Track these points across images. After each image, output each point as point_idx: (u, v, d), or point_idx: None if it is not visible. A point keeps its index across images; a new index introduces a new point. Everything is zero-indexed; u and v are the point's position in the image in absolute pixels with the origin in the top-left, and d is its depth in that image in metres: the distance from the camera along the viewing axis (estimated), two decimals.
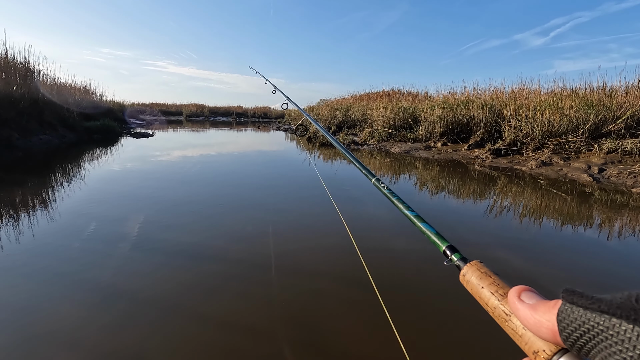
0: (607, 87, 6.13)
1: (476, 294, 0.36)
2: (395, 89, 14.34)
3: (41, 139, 6.98)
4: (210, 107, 30.22)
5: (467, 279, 0.38)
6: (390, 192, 0.64)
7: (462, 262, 0.41)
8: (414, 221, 0.55)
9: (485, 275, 0.36)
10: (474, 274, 0.37)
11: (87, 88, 12.41)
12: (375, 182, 0.71)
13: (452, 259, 0.43)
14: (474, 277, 0.37)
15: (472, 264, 0.39)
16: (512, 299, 0.29)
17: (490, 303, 0.34)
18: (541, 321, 0.25)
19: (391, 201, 0.62)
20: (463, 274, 0.39)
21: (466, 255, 0.42)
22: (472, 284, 0.37)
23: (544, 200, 3.48)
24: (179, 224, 2.48)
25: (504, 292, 0.33)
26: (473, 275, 0.37)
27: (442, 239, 0.47)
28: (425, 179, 4.56)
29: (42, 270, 1.74)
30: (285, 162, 6.17)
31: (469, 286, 0.37)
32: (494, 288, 0.34)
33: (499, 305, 0.32)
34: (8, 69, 7.14)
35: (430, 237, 0.49)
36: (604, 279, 1.89)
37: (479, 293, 0.35)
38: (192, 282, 1.67)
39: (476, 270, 0.38)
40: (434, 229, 0.50)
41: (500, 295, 0.33)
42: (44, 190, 3.42)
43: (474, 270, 0.38)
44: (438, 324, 1.43)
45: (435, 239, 0.48)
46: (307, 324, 1.39)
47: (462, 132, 7.50)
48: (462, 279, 0.39)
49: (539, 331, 0.25)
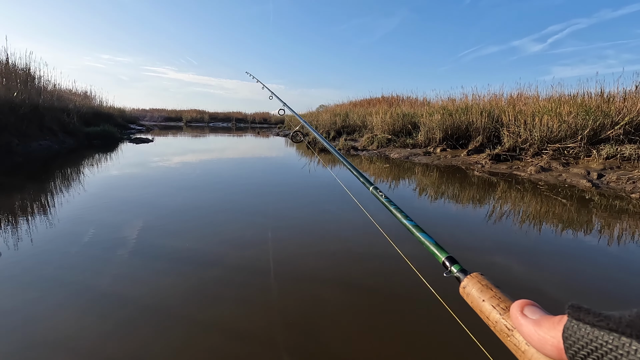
0: (605, 93, 6.16)
1: (477, 307, 0.35)
2: (395, 95, 14.41)
3: (41, 144, 6.99)
4: (210, 112, 30.32)
5: (467, 291, 0.37)
6: (388, 200, 0.63)
7: (462, 274, 0.40)
8: (412, 231, 0.53)
9: (486, 288, 0.35)
10: (474, 286, 0.37)
11: (87, 94, 12.51)
12: (372, 190, 0.70)
13: (451, 270, 0.42)
14: (474, 289, 0.36)
15: (472, 276, 0.38)
16: (514, 314, 0.28)
17: (492, 317, 0.33)
18: (546, 338, 0.24)
19: (389, 210, 0.61)
20: (463, 286, 0.38)
21: (466, 261, 0.41)
22: (472, 297, 0.36)
23: (544, 206, 3.48)
24: (178, 230, 2.47)
25: (505, 305, 0.32)
26: (473, 287, 0.36)
27: (441, 250, 0.46)
28: (424, 185, 4.56)
29: (42, 277, 1.73)
30: (286, 168, 6.17)
31: (470, 299, 0.37)
32: (495, 301, 0.34)
33: (500, 320, 0.32)
34: (9, 75, 7.18)
35: (429, 248, 0.48)
36: (605, 283, 1.89)
37: (480, 306, 0.34)
38: (193, 288, 1.66)
39: (477, 282, 0.37)
40: (432, 239, 0.49)
41: (502, 309, 0.32)
42: (44, 196, 3.41)
43: (474, 282, 0.37)
44: (436, 330, 1.42)
45: (435, 249, 0.47)
46: (307, 330, 1.37)
47: (461, 138, 7.52)
48: (462, 291, 0.38)
49: (543, 348, 0.24)
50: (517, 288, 1.79)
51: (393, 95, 14.43)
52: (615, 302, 1.71)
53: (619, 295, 1.78)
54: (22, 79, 7.49)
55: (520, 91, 8.03)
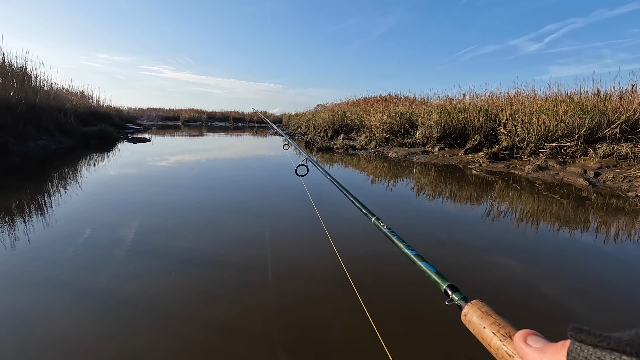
0: (602, 92, 6.21)
1: (478, 334, 0.36)
2: (393, 94, 14.43)
3: (38, 144, 6.95)
4: (208, 112, 30.27)
5: (468, 318, 0.38)
6: (390, 231, 0.64)
7: (463, 302, 0.41)
8: (414, 260, 0.55)
9: (486, 315, 0.36)
10: (475, 313, 0.37)
11: (84, 93, 12.44)
12: (375, 221, 0.71)
13: (452, 298, 0.43)
14: (475, 316, 0.37)
15: (473, 303, 0.39)
16: (518, 344, 0.29)
17: (493, 343, 0.34)
18: None
19: (391, 240, 0.62)
20: (464, 313, 0.39)
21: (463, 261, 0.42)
22: (473, 324, 0.37)
23: (541, 204, 3.50)
24: (175, 229, 2.47)
25: (505, 332, 0.33)
26: (474, 315, 0.37)
27: (442, 278, 0.48)
28: (422, 184, 4.57)
29: (38, 277, 1.73)
30: (284, 168, 6.17)
31: (471, 326, 0.37)
32: (495, 328, 0.34)
33: (502, 346, 0.32)
34: (5, 74, 7.13)
35: (431, 277, 0.50)
36: (603, 280, 1.90)
37: (481, 333, 0.35)
38: (190, 287, 1.66)
39: (477, 309, 0.38)
40: (434, 268, 0.50)
41: (502, 335, 0.33)
42: (41, 195, 3.39)
43: (475, 309, 0.38)
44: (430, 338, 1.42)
45: (436, 278, 0.49)
46: (304, 330, 1.38)
47: (459, 137, 7.55)
48: (464, 318, 0.39)
49: None
50: (514, 289, 1.80)
51: (391, 95, 14.46)
52: (614, 300, 1.73)
53: (617, 293, 1.79)
54: (19, 78, 7.44)
55: (517, 90, 8.08)
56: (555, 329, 1.43)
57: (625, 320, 1.55)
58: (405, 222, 2.87)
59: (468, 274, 1.90)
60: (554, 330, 1.39)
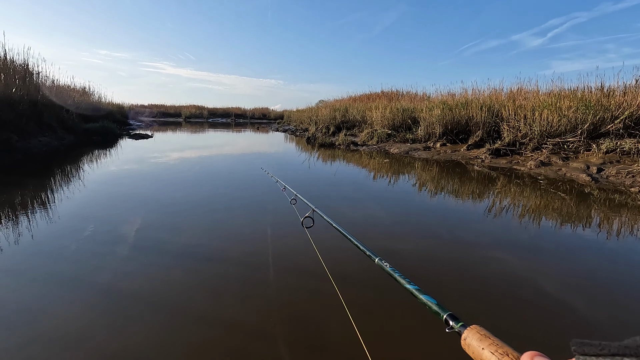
0: (605, 87, 6.15)
1: (478, 356, 0.38)
2: (394, 90, 14.38)
3: (40, 141, 6.98)
4: (209, 108, 30.28)
5: (468, 342, 0.40)
6: (393, 269, 0.68)
7: (463, 328, 0.43)
8: (416, 294, 0.58)
9: (485, 337, 0.39)
10: (474, 336, 0.40)
11: (86, 90, 12.43)
12: (378, 261, 0.73)
13: (452, 326, 0.46)
14: (474, 339, 0.39)
15: (471, 328, 0.42)
16: None
17: None
18: None
19: (394, 279, 0.65)
20: (464, 337, 0.41)
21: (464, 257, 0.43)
22: (473, 347, 0.39)
23: (543, 200, 3.49)
24: (178, 225, 2.48)
25: (503, 351, 0.36)
26: (473, 338, 0.40)
27: (442, 309, 0.51)
28: (424, 180, 4.57)
29: (43, 272, 1.74)
30: (288, 165, 6.17)
31: (470, 350, 0.40)
32: (494, 348, 0.37)
33: None
34: (7, 71, 7.12)
35: (432, 308, 0.53)
36: (604, 276, 1.90)
37: (480, 355, 0.37)
38: (194, 283, 1.67)
39: (476, 333, 0.40)
40: (435, 300, 0.54)
41: (500, 354, 0.35)
42: (44, 192, 3.41)
43: (473, 333, 0.40)
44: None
45: (437, 309, 0.52)
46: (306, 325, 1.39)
47: (461, 133, 7.52)
48: (464, 343, 0.41)
49: None
50: (516, 283, 1.80)
51: (393, 90, 14.40)
52: (614, 297, 1.73)
53: (620, 289, 1.79)
54: (21, 75, 7.44)
55: (520, 86, 8.01)
56: (559, 327, 1.44)
57: (628, 317, 1.55)
58: (407, 218, 2.88)
59: (468, 272, 1.91)
60: (557, 330, 1.40)
